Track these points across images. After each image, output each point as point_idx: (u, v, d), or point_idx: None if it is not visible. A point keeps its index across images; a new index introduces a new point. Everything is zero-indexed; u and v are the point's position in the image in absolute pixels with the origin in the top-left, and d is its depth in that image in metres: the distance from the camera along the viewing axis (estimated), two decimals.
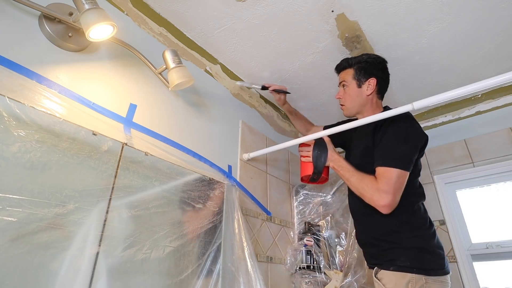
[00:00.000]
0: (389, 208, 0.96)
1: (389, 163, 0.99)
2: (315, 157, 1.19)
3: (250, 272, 1.12)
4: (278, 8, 1.26)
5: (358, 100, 1.20)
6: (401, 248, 1.00)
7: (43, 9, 0.87)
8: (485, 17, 1.28)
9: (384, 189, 0.96)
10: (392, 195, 0.95)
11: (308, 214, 1.76)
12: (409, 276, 0.95)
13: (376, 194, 0.97)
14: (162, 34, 1.30)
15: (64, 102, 0.84)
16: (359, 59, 1.21)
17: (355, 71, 1.21)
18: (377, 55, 1.23)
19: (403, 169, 0.98)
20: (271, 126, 1.89)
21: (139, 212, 0.93)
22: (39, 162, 0.75)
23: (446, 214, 1.69)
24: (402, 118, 1.06)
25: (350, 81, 1.21)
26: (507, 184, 1.64)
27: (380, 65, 1.21)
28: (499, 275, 1.52)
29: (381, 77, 1.20)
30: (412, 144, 1.02)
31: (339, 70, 1.28)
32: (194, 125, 1.31)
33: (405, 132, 1.03)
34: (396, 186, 0.96)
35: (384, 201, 0.96)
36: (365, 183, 1.02)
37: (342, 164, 1.13)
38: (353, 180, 1.07)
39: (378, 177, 1.00)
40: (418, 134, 1.05)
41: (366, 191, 1.00)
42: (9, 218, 0.66)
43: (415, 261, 0.96)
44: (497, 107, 1.74)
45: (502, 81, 0.88)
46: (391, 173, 0.97)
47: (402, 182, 0.98)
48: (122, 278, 0.85)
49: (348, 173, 1.09)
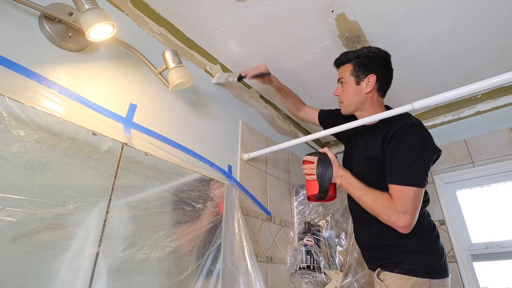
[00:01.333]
0: (409, 228, 0.92)
1: (405, 181, 0.94)
2: (319, 175, 1.11)
3: (250, 272, 1.12)
4: (278, 8, 1.26)
5: (356, 98, 1.13)
6: (407, 252, 0.98)
7: (43, 9, 0.87)
8: (485, 17, 1.28)
9: (402, 209, 0.91)
10: (410, 215, 0.91)
11: (308, 214, 1.76)
12: (413, 280, 0.93)
13: (394, 215, 0.92)
14: (162, 34, 1.30)
15: (64, 102, 0.84)
16: (359, 53, 1.13)
17: (353, 66, 1.13)
18: (379, 48, 1.14)
19: (419, 187, 0.94)
20: (271, 126, 1.89)
21: (139, 212, 0.93)
22: (39, 162, 0.75)
23: (446, 214, 1.69)
24: (415, 130, 1.00)
25: (348, 77, 1.14)
26: (507, 184, 1.64)
27: (381, 60, 1.12)
28: (499, 275, 1.52)
29: (382, 74, 1.12)
30: (427, 159, 0.98)
31: (338, 65, 1.21)
32: (194, 125, 1.31)
33: (420, 145, 0.98)
34: (414, 205, 0.92)
35: (403, 222, 0.91)
36: (380, 202, 0.96)
37: (350, 181, 1.06)
38: (365, 199, 1.00)
39: (394, 196, 0.95)
40: (433, 147, 1.00)
41: (382, 211, 0.95)
42: (9, 218, 0.66)
43: (421, 265, 0.95)
44: (497, 107, 1.74)
45: (502, 81, 0.88)
46: (408, 191, 0.93)
47: (419, 199, 0.94)
48: (122, 278, 0.85)
49: (358, 191, 1.03)
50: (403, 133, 1.00)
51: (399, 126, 1.01)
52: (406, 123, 1.01)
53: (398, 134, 1.00)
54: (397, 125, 1.02)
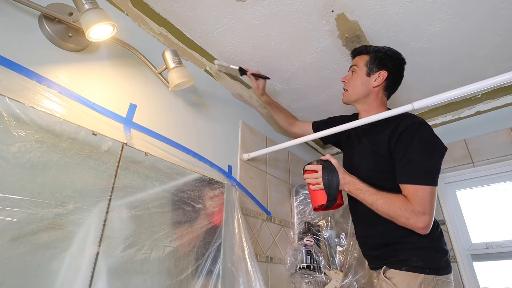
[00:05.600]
0: (428, 228, 0.91)
1: (420, 180, 0.93)
2: (326, 184, 1.05)
3: (250, 272, 1.12)
4: (278, 8, 1.26)
5: (362, 88, 1.15)
6: (413, 249, 0.97)
7: (43, 9, 0.87)
8: (485, 17, 1.28)
9: (421, 210, 0.90)
10: (429, 215, 0.90)
11: (308, 214, 1.76)
12: (421, 277, 0.93)
13: (413, 217, 0.90)
14: (162, 34, 1.30)
15: (64, 102, 0.83)
16: (379, 48, 1.17)
17: (370, 58, 1.16)
18: (399, 52, 1.18)
19: (434, 185, 0.93)
20: (271, 126, 1.89)
21: (139, 212, 0.93)
22: (39, 162, 0.75)
23: (446, 214, 1.69)
24: (424, 128, 1.00)
25: (362, 67, 1.17)
26: (507, 184, 1.64)
27: (397, 62, 1.16)
28: (499, 275, 1.52)
29: (394, 74, 1.15)
30: (439, 156, 0.98)
31: (354, 54, 1.24)
32: (194, 125, 1.31)
33: (431, 143, 0.98)
34: (431, 204, 0.91)
35: (423, 222, 0.90)
36: (396, 206, 0.93)
37: (359, 187, 1.02)
38: (379, 204, 0.96)
39: (410, 197, 0.92)
40: (441, 144, 1.00)
41: (400, 215, 0.92)
42: (9, 218, 0.66)
43: (427, 261, 0.94)
44: (497, 107, 1.74)
45: (502, 81, 0.88)
46: (424, 191, 0.91)
47: (435, 198, 0.93)
48: (122, 278, 0.85)
49: (370, 196, 0.98)
50: (412, 131, 0.99)
51: (407, 124, 1.01)
52: (414, 122, 1.01)
53: (407, 133, 0.99)
54: (405, 123, 1.01)
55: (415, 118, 1.05)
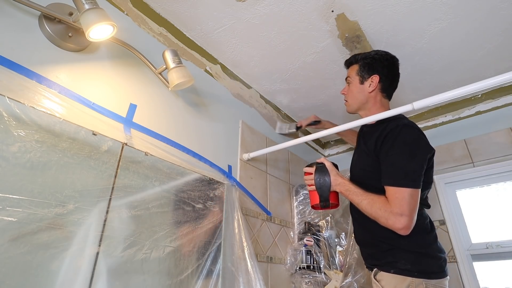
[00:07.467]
0: (408, 229, 0.92)
1: (400, 182, 0.95)
2: (318, 184, 1.13)
3: (250, 272, 1.12)
4: (278, 8, 1.26)
5: (359, 96, 1.19)
6: (400, 250, 0.98)
7: (43, 9, 0.87)
8: (485, 17, 1.28)
9: (398, 211, 0.92)
10: (407, 216, 0.91)
11: (308, 214, 1.76)
12: (409, 280, 0.94)
13: (392, 218, 0.92)
14: (162, 34, 1.30)
15: (64, 102, 0.84)
16: (366, 55, 1.20)
17: (359, 66, 1.19)
18: (388, 52, 1.20)
19: (415, 187, 0.94)
20: (271, 126, 1.89)
21: (139, 212, 0.93)
22: (39, 162, 0.75)
23: (446, 214, 1.69)
24: (407, 131, 1.02)
25: (354, 76, 1.20)
26: (507, 184, 1.63)
27: (387, 62, 1.17)
28: (499, 275, 1.52)
29: (386, 75, 1.17)
30: (421, 158, 0.99)
31: (347, 66, 1.27)
32: (194, 125, 1.31)
33: (413, 146, 0.99)
34: (410, 206, 0.92)
35: (401, 224, 0.91)
36: (377, 206, 0.97)
37: (348, 188, 1.07)
38: (364, 204, 1.01)
39: (390, 199, 0.95)
40: (425, 146, 1.01)
41: (380, 215, 0.95)
42: (9, 218, 0.66)
43: (416, 265, 0.95)
44: (497, 107, 1.74)
45: (502, 81, 0.88)
46: (403, 193, 0.93)
47: (416, 200, 0.94)
48: (122, 278, 0.85)
49: (357, 197, 1.03)
50: (395, 134, 1.01)
51: (391, 128, 1.03)
52: (398, 125, 1.03)
53: (390, 135, 1.02)
54: (390, 127, 1.04)
55: (400, 121, 1.06)
